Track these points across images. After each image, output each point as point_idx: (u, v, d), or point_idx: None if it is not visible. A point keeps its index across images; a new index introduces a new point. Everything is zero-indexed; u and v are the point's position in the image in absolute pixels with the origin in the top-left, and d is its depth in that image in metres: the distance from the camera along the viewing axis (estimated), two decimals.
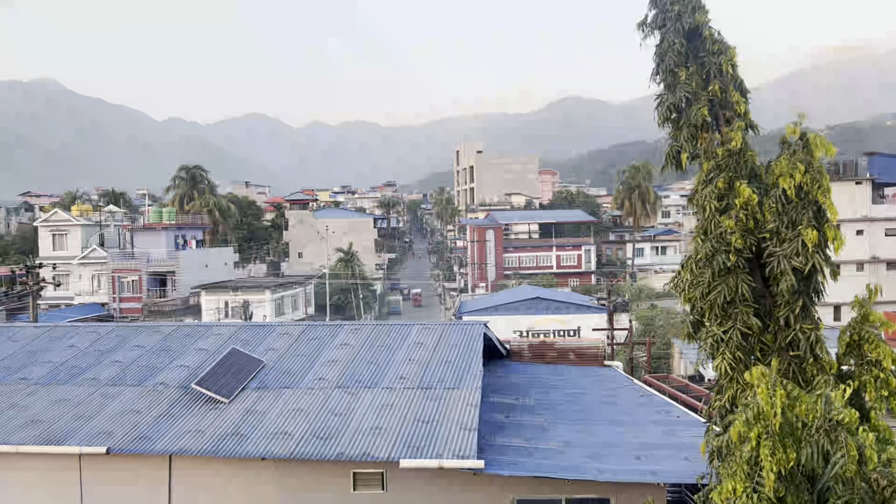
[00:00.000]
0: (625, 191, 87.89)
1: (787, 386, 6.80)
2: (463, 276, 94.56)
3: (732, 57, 9.56)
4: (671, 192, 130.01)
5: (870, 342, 8.25)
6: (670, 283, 10.21)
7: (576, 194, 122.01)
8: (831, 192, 8.61)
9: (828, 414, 6.62)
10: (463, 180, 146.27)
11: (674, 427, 15.58)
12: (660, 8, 10.09)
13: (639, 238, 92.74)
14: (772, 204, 8.74)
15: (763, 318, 8.98)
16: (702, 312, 9.38)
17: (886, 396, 7.98)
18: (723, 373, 8.97)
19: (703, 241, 9.18)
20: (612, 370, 21.10)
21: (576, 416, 16.46)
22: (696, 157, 9.75)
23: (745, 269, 8.94)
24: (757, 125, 9.62)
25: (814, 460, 6.49)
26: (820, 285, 8.79)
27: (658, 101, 10.11)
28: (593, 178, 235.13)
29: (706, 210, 9.25)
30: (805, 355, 8.64)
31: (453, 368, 16.28)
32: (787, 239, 8.56)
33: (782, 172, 8.67)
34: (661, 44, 10.05)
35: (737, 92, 9.54)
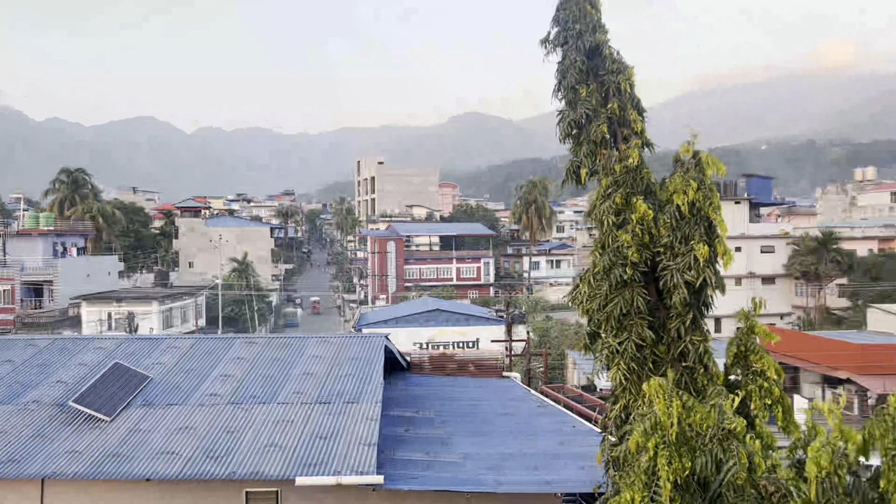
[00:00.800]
0: (522, 205, 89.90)
1: (682, 396, 6.99)
2: (363, 287, 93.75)
3: (630, 76, 9.88)
4: (566, 207, 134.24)
5: (755, 353, 8.66)
6: (569, 295, 10.37)
7: (475, 208, 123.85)
8: (721, 209, 9.00)
9: (721, 423, 6.86)
10: (364, 191, 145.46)
11: (570, 437, 15.88)
12: (562, 26, 10.31)
13: (535, 252, 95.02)
14: (666, 219, 9.04)
15: (657, 330, 9.26)
16: (598, 324, 9.57)
17: (770, 405, 8.38)
18: (618, 383, 9.17)
19: (601, 255, 9.38)
20: (510, 381, 21.34)
21: (475, 428, 16.48)
22: (595, 173, 9.99)
23: (640, 282, 9.19)
24: (652, 143, 9.97)
25: (707, 468, 6.70)
26: (709, 298, 9.16)
27: (560, 117, 10.30)
28: (492, 193, 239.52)
29: (604, 224, 9.47)
30: (695, 366, 8.97)
31: (353, 382, 15.95)
32: (680, 253, 8.86)
33: (676, 189, 8.99)
34: (563, 61, 10.27)
35: (634, 111, 9.86)
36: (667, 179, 9.41)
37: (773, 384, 8.46)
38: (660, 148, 10.59)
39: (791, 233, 66.87)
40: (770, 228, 69.07)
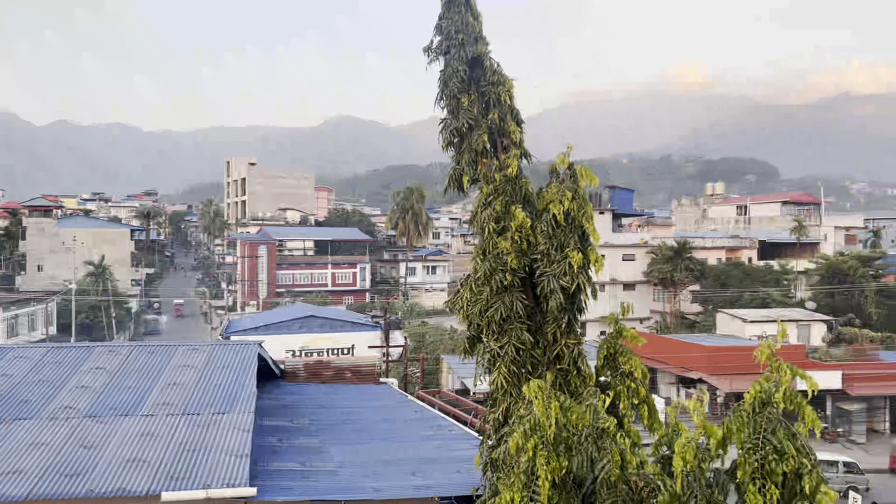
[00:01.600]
0: (399, 211, 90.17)
1: (560, 397, 7.25)
2: (232, 293, 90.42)
3: (510, 88, 10.16)
4: (442, 214, 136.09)
5: (623, 355, 9.13)
6: (450, 301, 10.50)
7: (352, 213, 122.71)
8: (594, 218, 9.44)
9: (595, 422, 7.16)
10: (234, 193, 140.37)
11: (447, 441, 16.04)
12: (444, 35, 10.44)
13: (411, 258, 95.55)
14: (543, 227, 9.36)
15: (534, 333, 9.56)
16: (479, 329, 9.75)
17: (637, 404, 8.86)
18: (498, 386, 9.38)
19: (483, 261, 9.57)
20: (387, 387, 21.29)
21: (352, 435, 16.30)
22: (477, 181, 10.19)
23: (519, 287, 9.46)
24: (530, 154, 10.30)
25: (583, 467, 6.97)
26: (583, 303, 9.57)
27: (442, 125, 10.43)
28: (369, 198, 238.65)
29: (485, 231, 9.67)
30: (570, 368, 9.33)
31: (224, 391, 15.32)
32: (556, 260, 9.20)
33: (552, 199, 9.34)
34: (445, 70, 10.40)
35: (513, 122, 10.14)
36: (544, 189, 9.75)
37: (639, 384, 8.94)
38: (533, 160, 10.97)
39: (650, 242, 71.20)
40: (631, 238, 73.24)
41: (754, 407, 6.65)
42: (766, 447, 6.34)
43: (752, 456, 6.36)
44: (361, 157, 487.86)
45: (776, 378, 6.66)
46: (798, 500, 6.21)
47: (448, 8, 10.29)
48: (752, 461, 6.31)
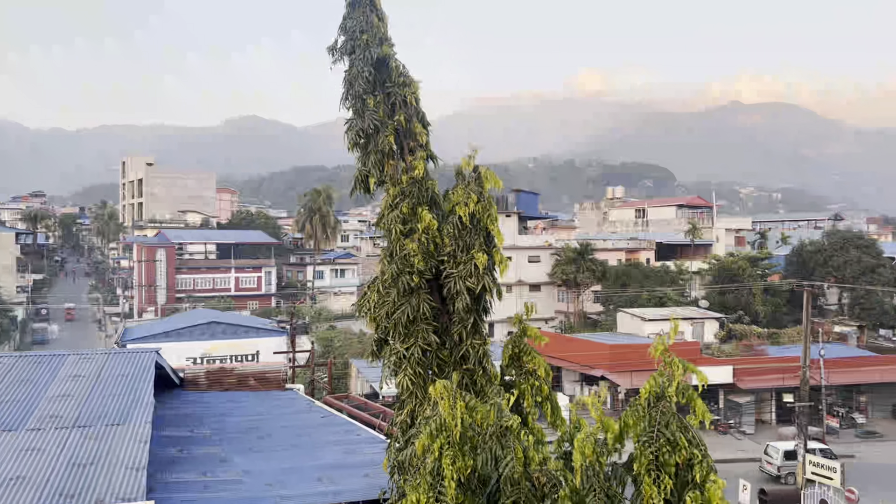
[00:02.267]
0: (306, 214, 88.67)
1: (465, 397, 7.31)
2: (128, 299, 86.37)
3: (416, 90, 10.19)
4: (350, 216, 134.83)
5: (527, 354, 9.31)
6: (357, 303, 10.41)
7: (256, 215, 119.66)
8: (498, 220, 9.59)
9: (499, 420, 7.27)
10: (130, 194, 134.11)
11: (354, 445, 15.90)
12: (349, 35, 10.35)
13: (319, 261, 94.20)
14: (449, 229, 9.43)
15: (440, 335, 9.61)
16: (386, 331, 9.71)
17: (540, 402, 9.06)
18: (405, 388, 9.37)
19: (390, 263, 9.55)
20: (293, 393, 20.91)
21: (256, 443, 15.90)
22: (383, 183, 10.15)
23: (426, 289, 9.49)
24: (436, 156, 10.35)
25: (488, 465, 7.06)
26: (488, 304, 9.70)
27: (348, 126, 10.33)
28: (274, 200, 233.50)
29: (392, 233, 9.65)
30: (475, 368, 9.44)
31: (119, 402, 14.60)
32: (462, 261, 9.29)
33: (458, 201, 9.42)
34: (350, 70, 10.32)
35: (419, 124, 10.17)
36: (450, 191, 9.82)
37: (542, 382, 9.14)
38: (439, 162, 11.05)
39: (554, 244, 73.12)
40: (536, 240, 75.01)
41: (649, 401, 6.94)
42: (660, 440, 6.62)
43: (647, 448, 6.63)
44: (266, 159, 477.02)
45: (669, 373, 6.97)
46: (690, 489, 6.52)
47: (353, 8, 10.21)
48: (648, 453, 6.58)
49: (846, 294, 66.44)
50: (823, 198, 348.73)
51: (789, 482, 34.24)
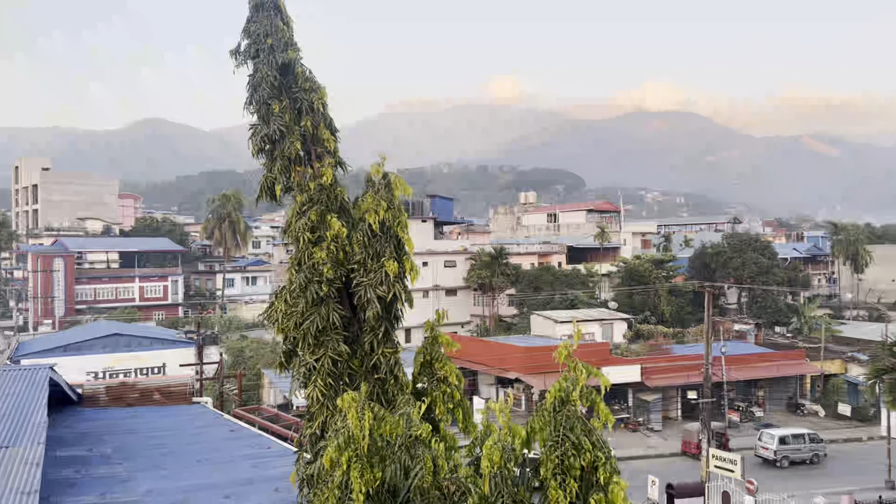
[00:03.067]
0: (215, 220, 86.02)
1: (374, 408, 7.22)
2: (22, 312, 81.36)
3: (323, 96, 10.03)
4: (262, 223, 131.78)
5: (439, 361, 9.29)
6: (264, 313, 10.14)
7: (162, 221, 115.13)
8: (409, 227, 9.54)
9: (408, 430, 7.21)
10: (24, 201, 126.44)
11: (265, 459, 15.49)
12: (253, 38, 10.10)
13: (229, 268, 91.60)
14: (359, 237, 9.31)
15: (351, 344, 9.47)
16: (295, 342, 9.49)
17: (452, 408, 9.06)
18: (314, 400, 9.18)
19: (298, 272, 9.34)
20: (201, 407, 20.19)
21: (161, 460, 15.25)
22: (290, 190, 9.93)
23: (336, 298, 9.33)
24: (345, 162, 10.22)
25: (397, 476, 6.99)
26: (399, 312, 9.63)
27: (252, 132, 10.06)
28: (181, 206, 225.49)
29: (300, 241, 9.45)
30: (387, 377, 9.35)
31: (7, 423, 13.68)
32: (372, 270, 9.19)
33: (368, 208, 9.32)
34: (254, 74, 10.06)
35: (327, 129, 10.01)
36: (359, 198, 9.71)
37: (454, 389, 9.15)
38: (352, 168, 10.91)
39: (469, 249, 73.81)
40: (452, 245, 75.53)
41: (555, 406, 7.05)
42: (565, 443, 6.73)
43: (553, 452, 6.73)
44: (173, 163, 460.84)
45: (574, 377, 7.10)
46: (594, 491, 6.65)
47: (257, 11, 9.97)
48: (553, 458, 6.68)
49: (744, 293, 70.12)
50: (723, 202, 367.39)
51: (783, 465, 37.97)
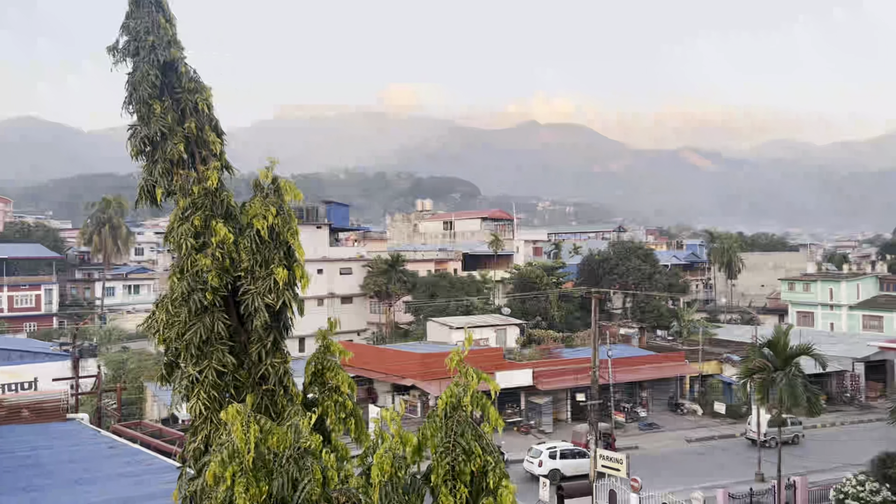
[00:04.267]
0: (94, 225, 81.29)
1: (260, 420, 6.99)
2: None
3: (208, 97, 9.65)
4: (146, 228, 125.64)
5: (331, 370, 9.13)
6: (144, 323, 9.64)
7: (34, 227, 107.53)
8: (300, 234, 9.33)
9: (297, 442, 7.03)
10: None
11: (146, 476, 14.74)
12: (132, 35, 9.61)
13: (109, 276, 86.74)
14: (246, 244, 9.01)
15: (238, 355, 9.14)
16: (177, 353, 9.07)
17: (344, 418, 8.91)
18: (198, 413, 8.79)
19: (180, 280, 8.93)
20: (76, 424, 18.97)
21: (31, 482, 14.19)
22: (173, 194, 9.50)
23: (221, 307, 8.99)
24: (232, 166, 9.87)
25: (284, 490, 6.79)
26: (289, 321, 9.39)
27: (131, 133, 9.56)
28: (56, 210, 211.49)
29: (183, 248, 9.04)
30: (276, 388, 9.08)
31: None
32: (260, 277, 8.91)
33: (256, 214, 9.03)
34: (134, 73, 9.57)
35: (213, 132, 9.64)
36: (247, 204, 9.41)
37: (346, 398, 9.01)
38: (242, 172, 10.58)
39: (366, 256, 73.33)
40: (348, 252, 74.76)
41: (446, 412, 7.07)
42: (456, 449, 6.76)
43: (444, 459, 6.75)
44: (46, 165, 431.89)
45: (465, 382, 7.15)
46: (484, 495, 6.72)
47: (136, 6, 9.47)
48: (444, 464, 6.70)
49: (629, 299, 73.31)
50: (609, 211, 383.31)
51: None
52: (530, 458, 36.37)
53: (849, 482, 28.89)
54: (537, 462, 35.77)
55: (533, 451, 36.74)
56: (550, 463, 35.70)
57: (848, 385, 55.47)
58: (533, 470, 35.63)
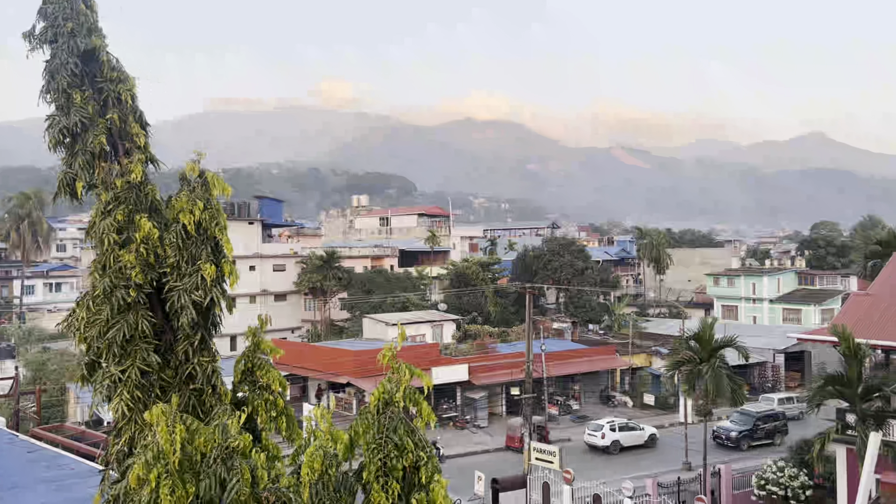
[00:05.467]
0: (13, 220, 77.58)
1: (186, 420, 6.81)
2: None
3: (132, 87, 9.33)
4: (68, 224, 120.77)
5: (261, 368, 8.96)
6: (64, 322, 9.25)
7: None
8: (228, 229, 9.11)
9: (224, 442, 6.87)
10: None
11: (67, 482, 14.18)
12: (50, 21, 9.20)
13: (29, 274, 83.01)
14: (172, 239, 8.76)
15: (164, 354, 8.88)
16: (99, 352, 8.74)
17: (275, 416, 8.77)
18: (121, 414, 8.51)
19: (102, 276, 8.61)
20: None
21: None
22: (94, 187, 9.14)
23: (145, 304, 8.71)
24: (157, 159, 9.57)
25: (212, 490, 6.63)
26: (217, 318, 9.17)
27: (49, 123, 9.15)
28: None
29: (105, 243, 8.72)
30: (204, 387, 8.86)
31: None
32: (187, 273, 8.67)
33: (182, 208, 8.79)
34: (52, 60, 9.17)
35: (137, 123, 9.32)
36: (173, 198, 9.14)
37: (277, 396, 8.87)
38: (169, 167, 10.24)
39: (300, 252, 72.31)
40: (281, 248, 73.56)
41: (378, 408, 7.04)
42: (388, 445, 6.75)
43: (375, 455, 6.72)
44: None
45: (397, 378, 7.14)
46: (416, 490, 6.73)
47: None
48: (376, 460, 6.67)
49: (562, 294, 74.65)
50: (543, 208, 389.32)
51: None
52: (591, 432, 41.29)
53: (769, 468, 30.22)
54: (600, 435, 41.13)
55: (593, 426, 41.88)
56: (612, 435, 41.18)
57: (769, 375, 57.98)
58: (595, 442, 41.06)
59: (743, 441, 41.91)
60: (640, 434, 42.33)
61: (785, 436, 42.25)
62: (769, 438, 42.55)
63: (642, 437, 42.26)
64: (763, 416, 43.62)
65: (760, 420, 43.14)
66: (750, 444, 41.91)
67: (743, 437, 42.14)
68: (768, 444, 41.85)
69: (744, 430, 42.46)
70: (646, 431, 42.67)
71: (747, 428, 42.56)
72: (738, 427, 42.78)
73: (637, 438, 42.00)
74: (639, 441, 41.90)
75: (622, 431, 41.66)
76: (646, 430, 42.78)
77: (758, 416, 43.35)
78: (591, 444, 41.15)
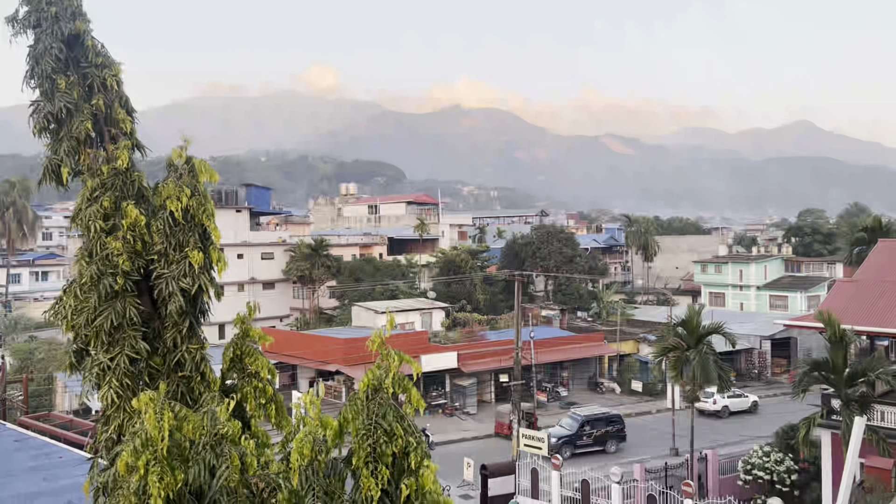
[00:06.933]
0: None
1: (174, 407, 6.80)
2: None
3: (117, 73, 9.24)
4: (53, 212, 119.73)
5: (250, 356, 8.94)
6: (51, 310, 9.20)
7: None
8: (215, 215, 9.06)
9: (213, 429, 6.87)
10: None
11: (56, 470, 14.15)
12: (33, 6, 9.08)
13: (15, 262, 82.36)
14: (160, 226, 8.70)
15: (152, 341, 8.85)
16: (87, 340, 8.70)
17: (264, 404, 8.77)
18: (109, 402, 8.48)
19: (89, 264, 8.55)
20: None
21: None
22: (80, 174, 9.07)
23: (133, 292, 8.66)
24: (144, 146, 9.50)
25: (201, 477, 6.63)
26: (206, 305, 9.14)
27: (34, 109, 9.06)
28: None
29: (91, 230, 8.65)
30: (192, 375, 8.84)
31: None
32: (175, 261, 8.63)
33: (170, 195, 8.72)
34: (35, 45, 9.06)
35: (123, 109, 9.24)
36: (160, 185, 9.08)
37: (266, 384, 8.86)
38: (156, 153, 10.17)
39: (288, 240, 72.07)
40: (270, 236, 73.28)
41: (368, 394, 7.06)
42: (377, 431, 6.77)
43: (365, 441, 6.74)
44: None
45: (386, 365, 7.15)
46: (406, 476, 6.76)
47: None
48: (365, 446, 6.70)
49: (551, 281, 74.91)
50: (532, 195, 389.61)
51: None
52: (704, 399, 42.53)
53: (755, 453, 30.55)
54: (711, 401, 45.42)
55: (706, 393, 42.84)
56: (722, 401, 46.29)
57: (755, 361, 58.53)
58: (707, 408, 45.20)
59: (565, 448, 36.18)
60: (745, 401, 47.83)
61: (621, 442, 38.28)
62: (599, 445, 37.75)
63: (746, 403, 47.79)
64: (592, 418, 38.43)
65: (588, 424, 37.97)
66: (573, 451, 36.89)
67: (564, 443, 36.58)
68: (598, 452, 37.13)
69: (564, 435, 37.37)
70: (749, 398, 48.23)
71: (569, 433, 37.63)
72: (561, 432, 37.57)
73: (742, 404, 47.49)
74: (744, 407, 47.43)
75: (731, 398, 46.49)
76: (749, 398, 48.32)
77: (585, 420, 38.14)
78: (703, 409, 43.94)
